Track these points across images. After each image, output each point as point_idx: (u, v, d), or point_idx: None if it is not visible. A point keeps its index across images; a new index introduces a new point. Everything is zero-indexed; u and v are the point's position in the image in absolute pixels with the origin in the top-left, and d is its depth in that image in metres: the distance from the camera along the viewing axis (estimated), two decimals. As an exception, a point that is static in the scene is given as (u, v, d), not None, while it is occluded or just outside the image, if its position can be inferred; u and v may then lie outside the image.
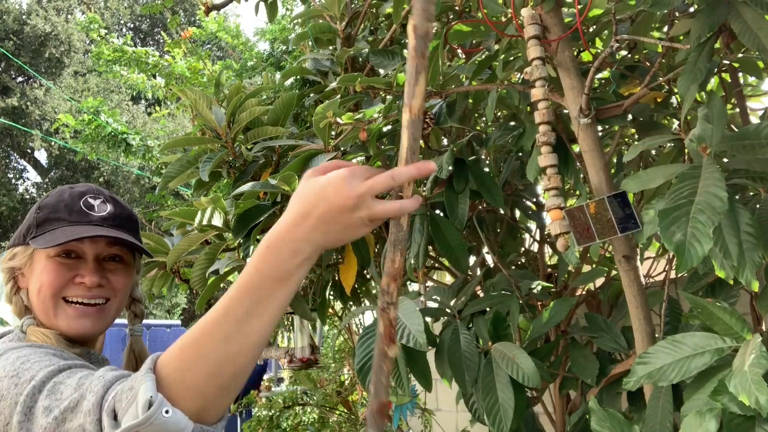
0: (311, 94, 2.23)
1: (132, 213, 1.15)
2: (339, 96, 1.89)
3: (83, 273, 1.06)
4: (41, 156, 18.91)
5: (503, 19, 1.55)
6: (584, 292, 2.03)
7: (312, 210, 0.74)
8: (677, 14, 1.42)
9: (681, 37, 1.43)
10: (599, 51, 1.70)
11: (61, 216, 1.06)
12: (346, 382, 4.03)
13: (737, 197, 1.27)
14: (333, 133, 1.75)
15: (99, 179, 17.07)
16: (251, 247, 1.78)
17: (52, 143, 15.81)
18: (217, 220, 1.92)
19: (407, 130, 0.73)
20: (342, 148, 1.77)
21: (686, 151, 1.35)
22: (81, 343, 1.08)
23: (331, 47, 2.29)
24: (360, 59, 2.18)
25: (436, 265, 2.25)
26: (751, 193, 1.32)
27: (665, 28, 1.66)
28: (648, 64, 1.59)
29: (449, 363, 1.53)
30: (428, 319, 1.74)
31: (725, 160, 1.23)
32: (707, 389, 1.01)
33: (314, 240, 0.75)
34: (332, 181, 0.74)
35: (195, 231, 1.95)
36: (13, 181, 17.93)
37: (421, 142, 2.06)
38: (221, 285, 1.96)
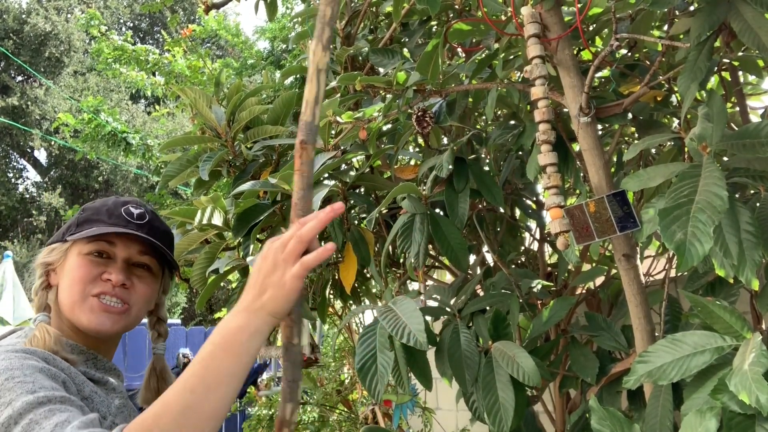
0: (311, 93, 2.23)
1: (168, 230, 1.20)
2: (339, 95, 1.89)
3: (111, 271, 1.09)
4: (41, 155, 18.92)
5: (503, 17, 1.54)
6: (584, 291, 2.03)
7: (253, 282, 0.84)
8: (677, 13, 1.42)
9: (681, 36, 1.43)
10: (599, 49, 1.70)
11: (101, 218, 1.11)
12: (346, 381, 4.03)
13: (737, 196, 1.27)
14: (333, 132, 1.75)
15: (98, 178, 17.07)
16: (251, 246, 1.78)
17: (52, 142, 15.80)
18: (217, 219, 1.92)
19: (322, 74, 0.79)
20: (342, 147, 1.77)
21: (686, 149, 1.35)
22: (92, 343, 1.09)
23: (330, 46, 2.29)
24: (360, 58, 2.18)
25: (436, 264, 2.25)
26: (752, 192, 1.32)
27: (665, 27, 1.66)
28: (648, 62, 1.59)
29: (449, 362, 1.53)
30: (428, 318, 1.74)
31: (725, 158, 1.23)
32: (707, 388, 1.01)
33: (257, 308, 0.83)
34: (261, 253, 0.84)
35: (195, 230, 1.95)
36: (13, 180, 17.93)
37: (421, 141, 2.06)
38: (221, 284, 1.96)
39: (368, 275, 2.23)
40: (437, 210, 1.78)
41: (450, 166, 1.58)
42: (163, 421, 0.78)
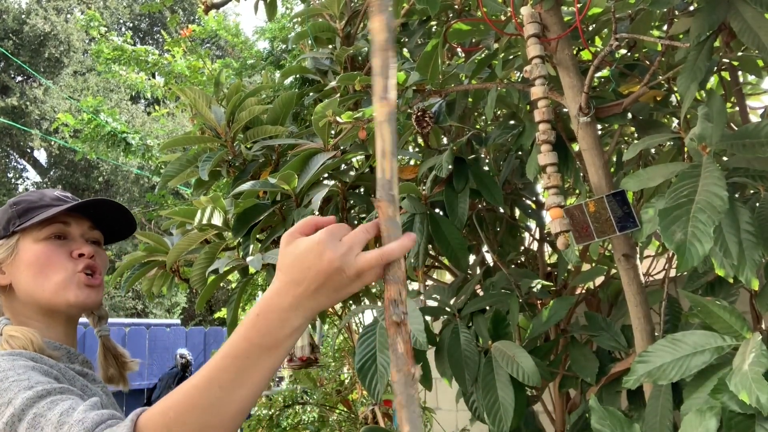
0: (311, 93, 2.23)
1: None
2: (338, 95, 1.89)
3: (77, 247, 1.10)
4: (41, 156, 18.93)
5: (503, 17, 1.55)
6: (584, 291, 2.03)
7: (301, 279, 0.73)
8: (677, 13, 1.42)
9: (681, 36, 1.43)
10: (599, 49, 1.70)
11: (44, 204, 1.11)
12: (346, 381, 4.03)
13: (737, 196, 1.27)
14: (332, 132, 1.75)
15: (98, 179, 17.07)
16: (251, 246, 1.78)
17: (52, 143, 15.80)
18: (217, 219, 1.92)
19: (386, 124, 0.71)
20: (341, 147, 1.77)
21: (686, 149, 1.35)
22: (62, 337, 1.09)
23: (330, 46, 2.29)
24: (359, 58, 2.18)
25: (436, 263, 2.25)
26: (751, 192, 1.32)
27: (665, 27, 1.66)
28: (648, 62, 1.59)
29: (449, 362, 1.53)
30: (428, 318, 1.74)
31: (725, 158, 1.23)
32: (707, 388, 1.01)
33: (305, 308, 0.75)
34: (312, 247, 0.73)
35: (195, 230, 1.95)
36: (13, 180, 17.93)
37: (421, 141, 2.06)
38: (221, 284, 1.96)
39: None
40: (437, 210, 1.78)
41: (450, 166, 1.58)
42: (188, 418, 0.73)
